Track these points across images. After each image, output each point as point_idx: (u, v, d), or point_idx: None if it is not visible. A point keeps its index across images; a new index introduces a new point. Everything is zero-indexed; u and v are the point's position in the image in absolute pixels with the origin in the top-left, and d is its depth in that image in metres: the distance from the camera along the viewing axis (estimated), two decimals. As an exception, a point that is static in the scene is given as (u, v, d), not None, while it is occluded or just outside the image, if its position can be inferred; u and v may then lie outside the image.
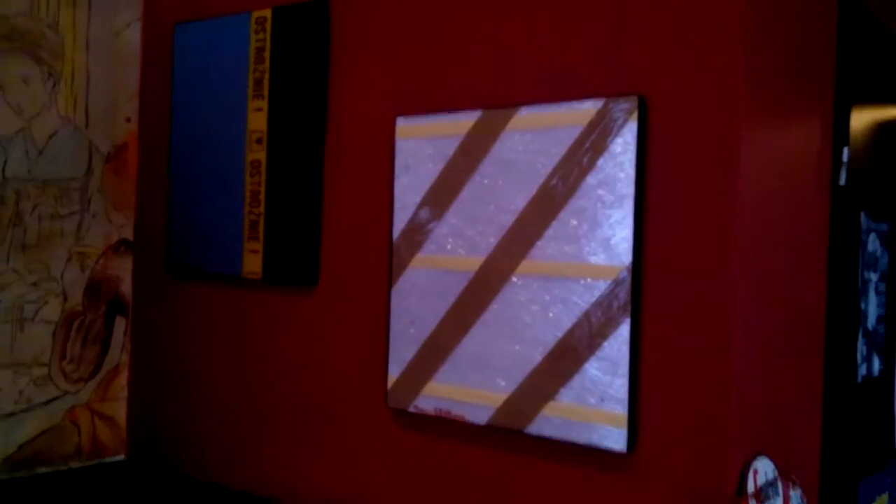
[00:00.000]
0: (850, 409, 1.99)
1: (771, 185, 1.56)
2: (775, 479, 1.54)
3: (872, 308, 2.14)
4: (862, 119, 2.00)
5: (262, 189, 2.10)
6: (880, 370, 2.21)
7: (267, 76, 2.10)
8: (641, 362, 1.51)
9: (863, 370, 2.08)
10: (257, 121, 2.12)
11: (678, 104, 1.48)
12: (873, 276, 2.14)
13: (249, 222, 2.13)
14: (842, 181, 1.86)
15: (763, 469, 1.51)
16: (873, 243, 2.12)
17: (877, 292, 2.17)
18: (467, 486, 1.73)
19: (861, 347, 2.05)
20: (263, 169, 2.10)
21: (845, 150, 1.86)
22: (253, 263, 2.12)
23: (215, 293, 2.24)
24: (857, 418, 2.06)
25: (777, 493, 1.54)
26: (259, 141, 2.11)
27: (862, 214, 2.03)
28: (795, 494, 1.60)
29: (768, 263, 1.57)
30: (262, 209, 2.10)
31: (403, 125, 1.83)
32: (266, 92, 2.10)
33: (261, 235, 2.10)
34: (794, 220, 1.69)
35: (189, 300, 2.31)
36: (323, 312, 2.01)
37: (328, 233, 2.00)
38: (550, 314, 1.60)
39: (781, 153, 1.60)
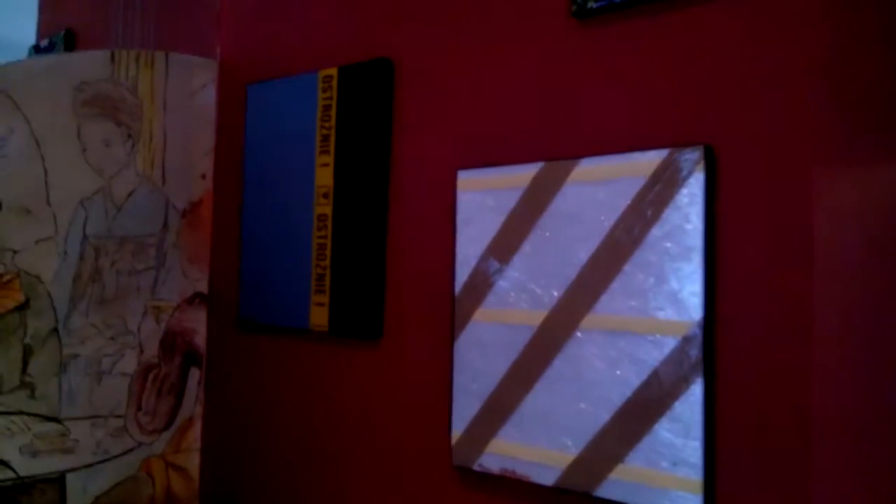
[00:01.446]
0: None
1: (852, 236, 1.47)
2: (868, 555, 1.41)
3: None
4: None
5: (329, 243, 2.12)
6: None
7: (333, 132, 2.13)
8: (717, 425, 1.43)
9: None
10: (324, 176, 2.15)
11: (749, 152, 1.42)
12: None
13: (316, 275, 2.15)
14: None
15: (854, 543, 1.39)
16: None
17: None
18: (533, 552, 1.67)
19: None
20: (330, 223, 2.12)
21: None
22: (319, 316, 2.13)
23: (283, 346, 2.26)
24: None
25: (871, 570, 1.41)
26: (326, 195, 2.14)
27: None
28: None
29: (852, 317, 1.47)
30: (328, 262, 2.12)
31: (464, 178, 1.82)
32: (332, 148, 2.13)
33: (327, 288, 2.11)
34: (882, 272, 1.58)
35: (259, 353, 2.34)
36: (387, 366, 2.00)
37: (392, 286, 2.00)
38: (617, 371, 1.53)
39: (863, 202, 1.51)
